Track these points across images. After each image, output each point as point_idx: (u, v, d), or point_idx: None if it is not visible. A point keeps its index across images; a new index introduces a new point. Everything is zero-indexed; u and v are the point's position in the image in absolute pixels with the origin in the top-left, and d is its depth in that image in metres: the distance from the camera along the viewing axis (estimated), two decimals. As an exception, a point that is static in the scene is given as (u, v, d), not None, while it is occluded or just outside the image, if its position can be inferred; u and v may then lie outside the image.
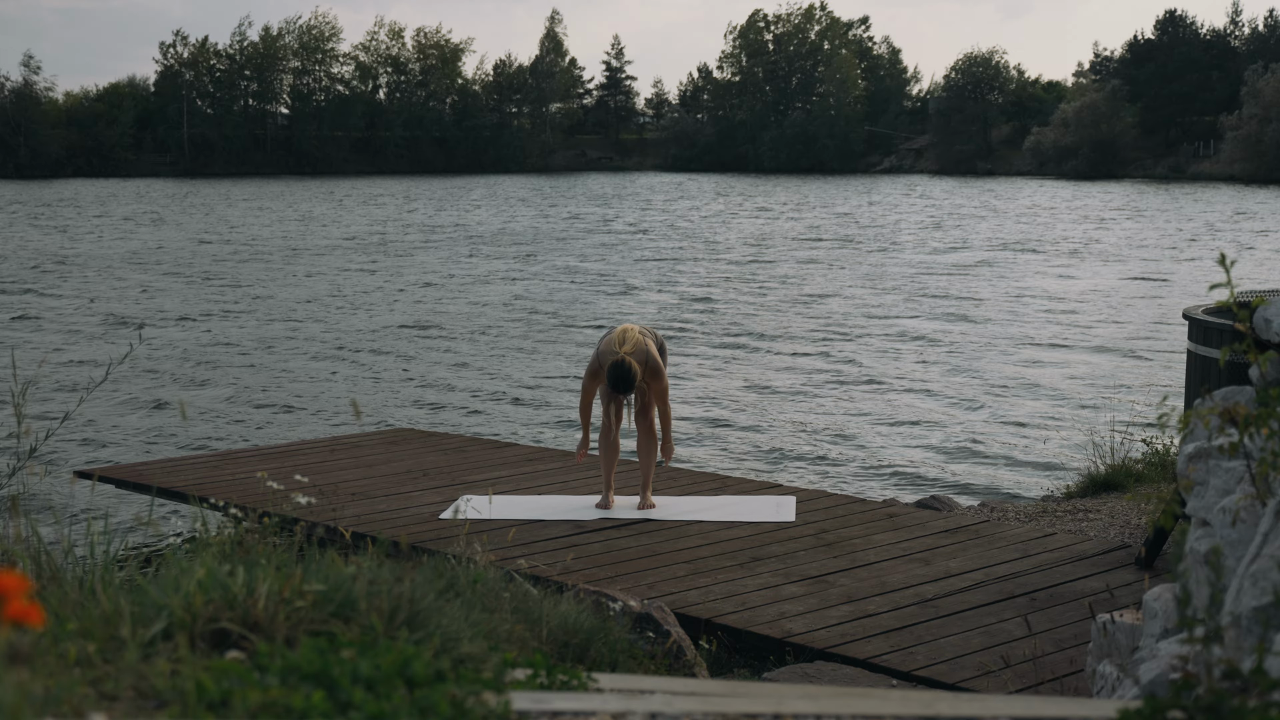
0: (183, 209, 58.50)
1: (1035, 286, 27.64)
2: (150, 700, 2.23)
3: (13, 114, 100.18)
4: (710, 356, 18.99)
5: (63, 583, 3.16)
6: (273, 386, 16.84)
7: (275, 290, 27.74)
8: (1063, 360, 18.44)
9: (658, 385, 8.27)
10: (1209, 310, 7.10)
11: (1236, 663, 2.25)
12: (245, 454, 10.72)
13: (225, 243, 40.25)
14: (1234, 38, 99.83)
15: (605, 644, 4.05)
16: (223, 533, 3.83)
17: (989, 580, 6.92)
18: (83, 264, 33.49)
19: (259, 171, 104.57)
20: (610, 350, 8.07)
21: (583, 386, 8.40)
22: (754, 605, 6.52)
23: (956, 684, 5.45)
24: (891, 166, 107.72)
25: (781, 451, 13.14)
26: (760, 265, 32.86)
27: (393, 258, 35.14)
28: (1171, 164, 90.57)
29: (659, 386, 8.28)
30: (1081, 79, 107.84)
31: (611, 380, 8.00)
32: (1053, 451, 12.90)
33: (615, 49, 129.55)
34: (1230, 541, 2.88)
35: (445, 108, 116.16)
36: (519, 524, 7.92)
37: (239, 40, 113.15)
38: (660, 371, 8.22)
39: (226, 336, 21.18)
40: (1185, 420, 3.23)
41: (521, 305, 25.06)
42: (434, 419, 14.70)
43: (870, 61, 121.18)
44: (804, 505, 8.59)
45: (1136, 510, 8.34)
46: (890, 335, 20.90)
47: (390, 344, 20.32)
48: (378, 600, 2.75)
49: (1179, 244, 37.90)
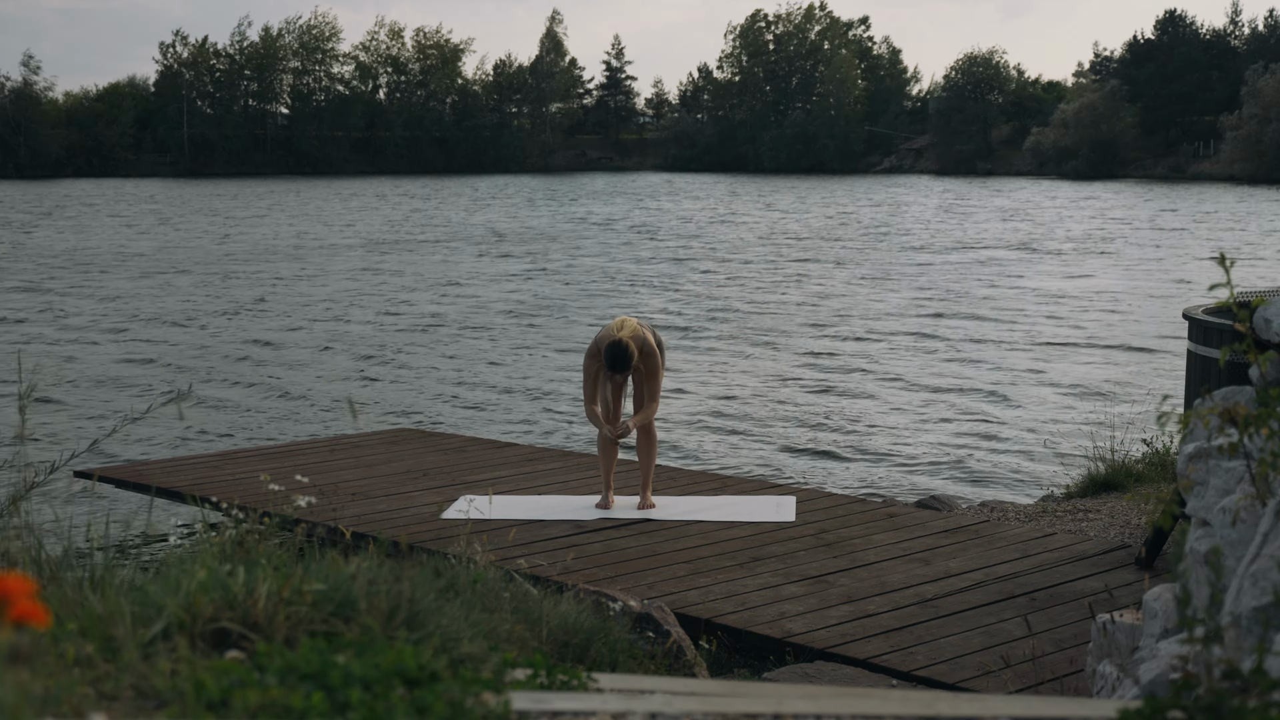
0: (188, 209, 58.51)
1: (1035, 286, 27.64)
2: (150, 700, 2.23)
3: (13, 114, 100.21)
4: (710, 356, 18.99)
5: (62, 583, 3.16)
6: (273, 386, 16.84)
7: (276, 290, 27.74)
8: (1063, 360, 18.44)
9: (651, 370, 8.28)
10: (1209, 310, 7.10)
11: (1236, 663, 2.25)
12: (245, 454, 10.72)
13: (221, 242, 40.25)
14: (1234, 38, 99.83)
15: (605, 644, 4.05)
16: (223, 533, 3.83)
17: (989, 580, 6.92)
18: (88, 263, 33.50)
19: (259, 171, 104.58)
20: (608, 334, 8.16)
21: (583, 370, 8.41)
22: (754, 605, 6.52)
23: (956, 684, 5.45)
24: (891, 167, 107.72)
25: (781, 451, 13.14)
26: (760, 265, 32.86)
27: (394, 257, 35.13)
28: (1171, 164, 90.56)
29: (652, 370, 8.29)
30: (1081, 79, 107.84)
31: (608, 359, 8.08)
32: (1053, 451, 12.90)
33: (615, 49, 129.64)
34: (1230, 541, 2.88)
35: (445, 108, 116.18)
36: (519, 524, 7.92)
37: (239, 40, 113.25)
38: (655, 358, 8.26)
39: (227, 336, 21.18)
40: (1185, 420, 3.22)
41: (523, 304, 25.05)
42: (434, 419, 14.71)
43: (870, 61, 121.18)
44: (804, 505, 8.59)
45: (1136, 510, 8.34)
46: (890, 335, 20.89)
47: (391, 343, 20.32)
48: (377, 600, 2.74)
49: (1179, 244, 37.91)
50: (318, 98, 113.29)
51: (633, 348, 8.09)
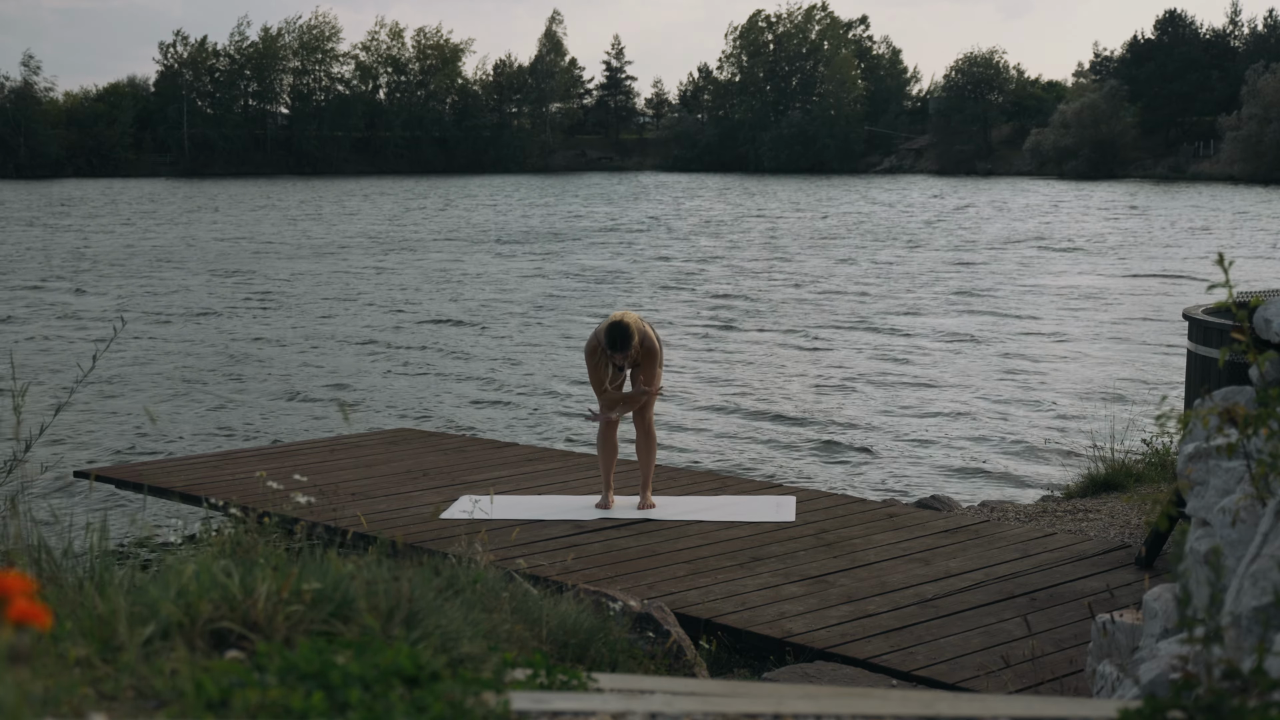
0: (188, 209, 58.51)
1: (1035, 286, 27.63)
2: (150, 700, 2.22)
3: (13, 114, 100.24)
4: (710, 356, 18.99)
5: (62, 583, 3.16)
6: (273, 385, 16.84)
7: (275, 290, 27.74)
8: (1063, 360, 18.44)
9: (650, 362, 8.28)
10: (1209, 310, 7.10)
11: (1236, 663, 2.25)
12: (245, 454, 10.72)
13: (221, 241, 40.26)
14: (1234, 38, 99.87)
15: (605, 644, 4.05)
16: (222, 533, 3.83)
17: (989, 580, 6.91)
18: (88, 263, 33.50)
19: (259, 171, 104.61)
20: (607, 323, 8.22)
21: (586, 366, 8.40)
22: (754, 605, 6.51)
23: (956, 684, 5.45)
24: (891, 166, 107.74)
25: (781, 451, 13.13)
26: (760, 265, 32.86)
27: (394, 257, 35.13)
28: (1171, 164, 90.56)
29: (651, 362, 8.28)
30: (1081, 79, 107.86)
31: (608, 338, 8.10)
32: (1053, 451, 12.90)
33: (615, 49, 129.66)
34: (1230, 541, 2.88)
35: (445, 108, 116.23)
36: (519, 524, 7.92)
37: (239, 40, 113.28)
38: (655, 348, 8.28)
39: (227, 336, 21.18)
40: (1185, 420, 3.22)
41: (523, 304, 25.06)
42: (434, 419, 14.70)
43: (870, 61, 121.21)
44: (804, 505, 8.59)
45: (1136, 510, 8.34)
46: (890, 335, 20.89)
47: (391, 343, 20.31)
48: (376, 600, 2.74)
49: (1178, 244, 37.90)
50: (318, 98, 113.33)
51: (632, 328, 8.12)
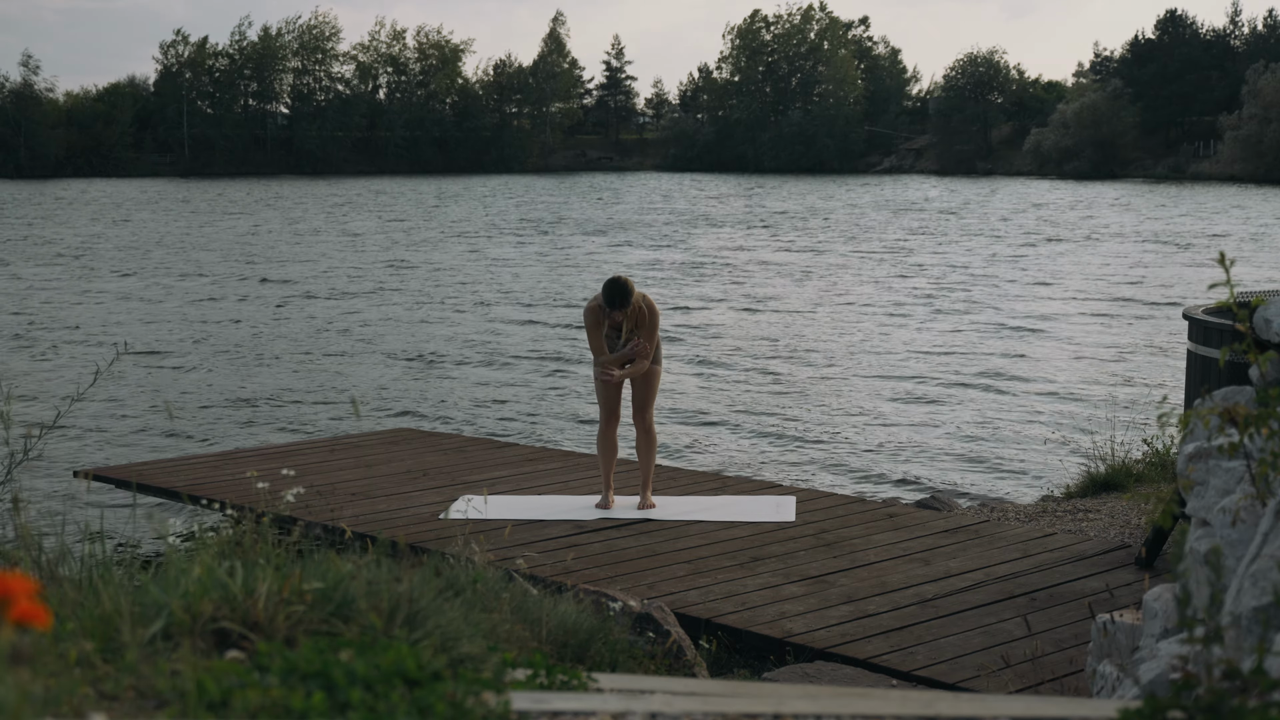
0: (187, 209, 58.50)
1: (1035, 286, 27.63)
2: (150, 700, 2.22)
3: (13, 114, 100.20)
4: (710, 356, 18.98)
5: (62, 583, 3.15)
6: (274, 385, 16.84)
7: (275, 289, 27.74)
8: (1063, 360, 18.44)
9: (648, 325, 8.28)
10: (1209, 310, 7.10)
11: (1236, 663, 2.25)
12: (245, 454, 10.72)
13: (220, 241, 40.26)
14: (1234, 38, 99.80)
15: (605, 644, 4.05)
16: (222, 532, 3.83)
17: (989, 580, 6.92)
18: (89, 262, 33.50)
19: (259, 171, 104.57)
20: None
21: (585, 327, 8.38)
22: (754, 605, 6.51)
23: (956, 684, 5.45)
24: (891, 166, 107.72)
25: (781, 451, 13.13)
26: (759, 265, 32.86)
27: (394, 256, 35.12)
28: (1172, 164, 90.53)
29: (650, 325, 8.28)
30: (1082, 79, 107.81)
31: (607, 295, 8.11)
32: (1053, 451, 12.90)
33: (615, 49, 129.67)
34: (1230, 541, 2.88)
35: (446, 108, 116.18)
36: (519, 524, 7.92)
37: (239, 40, 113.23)
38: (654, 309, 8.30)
39: (227, 336, 21.18)
40: (1185, 420, 3.22)
41: (523, 303, 25.05)
42: (434, 419, 14.70)
43: (870, 61, 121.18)
44: (804, 505, 8.59)
45: (1136, 510, 8.34)
46: (889, 335, 20.90)
47: (391, 343, 20.31)
48: (377, 600, 2.74)
49: (1178, 244, 37.90)
50: (318, 98, 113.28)
51: (632, 286, 8.13)
